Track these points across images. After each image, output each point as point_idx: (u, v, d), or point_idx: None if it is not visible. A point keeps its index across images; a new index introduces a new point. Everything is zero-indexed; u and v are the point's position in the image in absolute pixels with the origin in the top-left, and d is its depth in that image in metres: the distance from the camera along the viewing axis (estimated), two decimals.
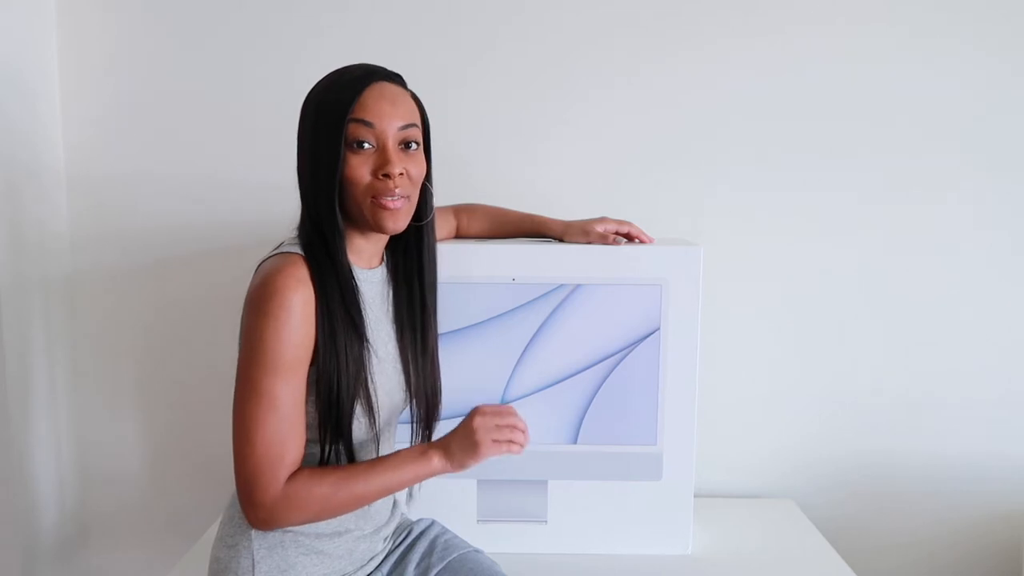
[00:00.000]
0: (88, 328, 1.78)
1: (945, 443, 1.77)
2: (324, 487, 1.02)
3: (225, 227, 1.74)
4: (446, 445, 1.08)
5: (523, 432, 1.09)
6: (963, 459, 1.77)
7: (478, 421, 1.07)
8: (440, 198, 1.30)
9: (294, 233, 1.10)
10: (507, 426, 1.08)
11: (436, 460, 1.07)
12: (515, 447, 1.08)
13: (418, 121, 1.09)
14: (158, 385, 1.79)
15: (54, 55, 1.70)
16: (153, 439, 1.81)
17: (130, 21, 1.70)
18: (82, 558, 1.83)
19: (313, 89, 1.09)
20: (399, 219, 1.07)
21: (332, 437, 1.05)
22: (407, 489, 1.29)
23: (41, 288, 1.69)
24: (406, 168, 1.05)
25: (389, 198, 1.04)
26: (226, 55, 1.70)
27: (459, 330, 1.40)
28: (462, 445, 1.07)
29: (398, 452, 1.09)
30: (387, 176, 1.03)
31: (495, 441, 1.07)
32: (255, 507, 1.01)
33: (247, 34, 1.69)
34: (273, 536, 1.07)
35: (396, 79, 1.09)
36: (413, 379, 1.16)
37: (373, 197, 1.04)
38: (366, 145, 1.04)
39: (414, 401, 1.18)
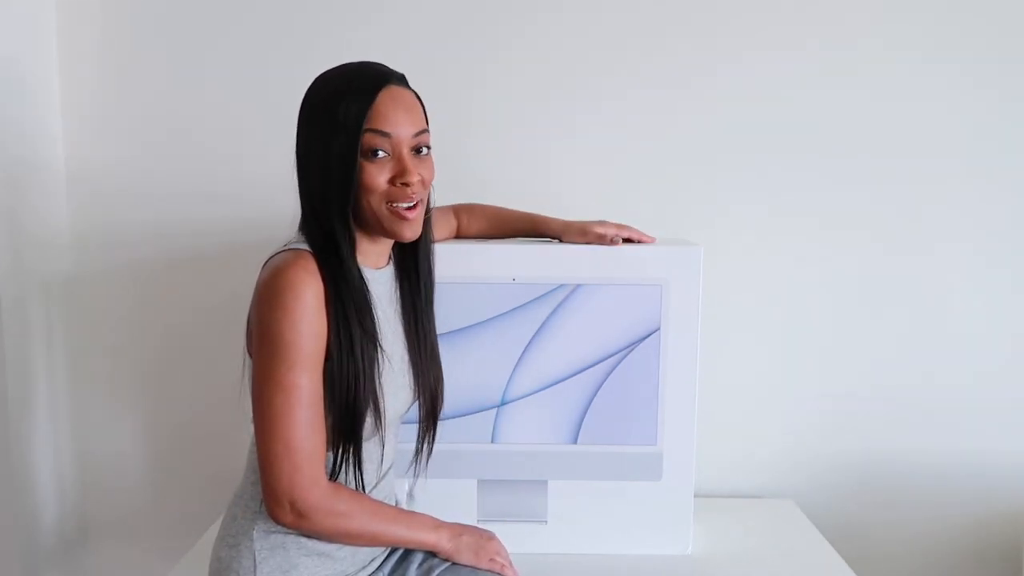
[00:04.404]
0: (88, 327, 1.78)
1: (945, 443, 1.77)
2: (362, 516, 1.07)
3: (226, 226, 1.73)
4: (459, 532, 1.16)
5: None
6: (963, 459, 1.77)
7: (497, 543, 1.19)
8: (446, 198, 1.30)
9: (298, 233, 1.09)
10: (504, 563, 1.18)
11: (445, 539, 1.14)
12: (507, 571, 1.18)
13: (427, 125, 1.09)
14: (158, 384, 1.79)
15: (54, 55, 1.70)
16: (153, 438, 1.81)
17: (130, 20, 1.70)
18: (82, 558, 1.83)
19: (315, 91, 1.07)
20: (415, 226, 1.08)
21: (344, 439, 1.06)
22: (408, 489, 1.28)
23: (41, 287, 1.69)
24: (421, 174, 1.06)
25: (406, 206, 1.05)
26: (226, 54, 1.70)
27: (459, 330, 1.40)
28: (470, 543, 1.16)
29: (416, 514, 1.15)
30: (405, 184, 1.04)
31: (493, 560, 1.17)
32: (293, 503, 1.01)
33: (248, 33, 1.69)
34: (275, 537, 1.07)
35: (403, 80, 1.09)
36: (420, 376, 1.17)
37: (389, 204, 1.05)
38: (381, 153, 1.04)
39: (421, 398, 1.19)
